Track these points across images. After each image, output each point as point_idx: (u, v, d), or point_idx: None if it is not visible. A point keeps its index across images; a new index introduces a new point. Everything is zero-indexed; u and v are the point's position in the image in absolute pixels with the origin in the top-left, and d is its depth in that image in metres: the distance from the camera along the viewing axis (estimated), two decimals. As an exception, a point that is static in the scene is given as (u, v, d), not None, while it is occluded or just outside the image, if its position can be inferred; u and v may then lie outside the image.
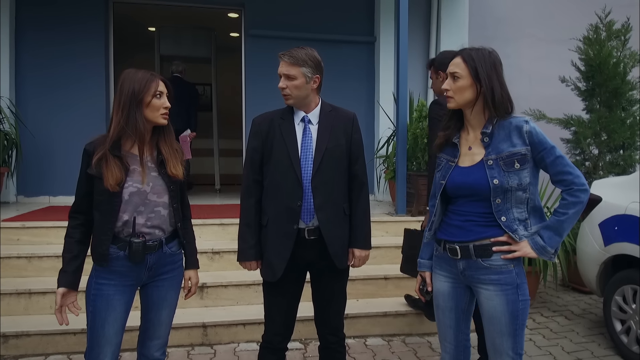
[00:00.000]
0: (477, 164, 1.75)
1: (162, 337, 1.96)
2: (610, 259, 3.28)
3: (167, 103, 1.88)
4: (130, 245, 1.80)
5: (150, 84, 1.83)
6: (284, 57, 2.02)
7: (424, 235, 1.96)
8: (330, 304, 2.16)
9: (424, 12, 5.99)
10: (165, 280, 1.94)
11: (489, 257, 1.72)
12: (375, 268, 3.77)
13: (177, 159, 1.91)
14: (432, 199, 1.92)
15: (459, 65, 1.75)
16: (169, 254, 1.93)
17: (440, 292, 1.87)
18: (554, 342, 3.38)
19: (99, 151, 1.79)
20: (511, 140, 1.71)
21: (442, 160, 1.86)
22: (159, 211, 1.87)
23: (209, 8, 6.02)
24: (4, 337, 2.99)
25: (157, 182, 1.87)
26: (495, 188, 1.69)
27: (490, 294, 1.73)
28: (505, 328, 1.73)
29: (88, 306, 1.85)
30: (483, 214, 1.73)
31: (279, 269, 2.02)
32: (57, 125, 5.21)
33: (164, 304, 1.95)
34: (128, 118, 1.79)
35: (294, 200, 2.01)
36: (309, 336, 3.25)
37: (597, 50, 4.74)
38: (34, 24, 5.17)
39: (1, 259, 3.48)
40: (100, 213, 1.82)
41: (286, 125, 2.07)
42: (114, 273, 1.83)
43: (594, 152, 4.85)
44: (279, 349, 2.15)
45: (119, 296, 1.84)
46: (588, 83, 4.90)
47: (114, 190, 1.76)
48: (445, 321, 1.88)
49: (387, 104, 5.68)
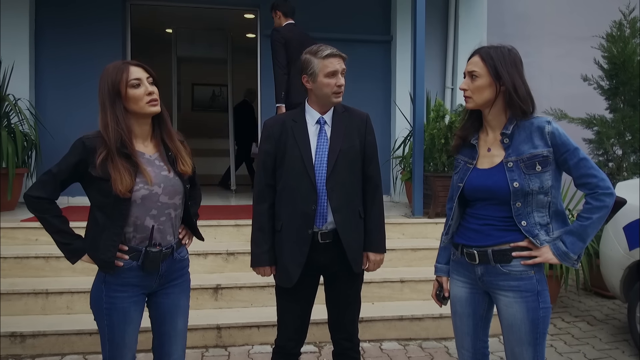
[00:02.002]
0: (497, 166, 1.69)
1: (180, 349, 1.87)
2: (635, 263, 3.17)
3: (150, 88, 1.71)
4: (147, 255, 1.72)
5: (121, 74, 1.68)
6: (341, 53, 2.01)
7: (441, 239, 1.91)
8: (346, 309, 2.12)
9: (441, 10, 5.90)
10: (175, 286, 1.86)
11: (509, 263, 1.65)
12: (391, 271, 3.71)
13: (184, 152, 1.82)
14: (449, 202, 1.87)
15: (477, 63, 1.69)
16: (178, 260, 1.86)
17: (458, 297, 1.82)
18: (576, 348, 3.28)
19: (102, 150, 1.67)
20: (532, 142, 1.65)
21: (460, 162, 1.81)
22: (169, 213, 1.78)
23: (225, 9, 6.04)
24: (21, 337, 3.02)
25: (168, 182, 1.76)
26: (515, 191, 1.63)
27: (510, 301, 1.67)
28: (525, 337, 1.66)
29: (102, 319, 1.75)
30: (502, 218, 1.67)
31: (295, 274, 1.99)
32: (75, 126, 5.21)
33: (177, 311, 1.86)
34: (112, 116, 1.67)
35: (309, 205, 1.97)
36: (323, 339, 3.21)
37: (621, 48, 4.61)
38: (52, 26, 5.24)
39: (19, 259, 3.53)
40: (106, 216, 1.69)
41: (299, 127, 2.03)
42: (127, 285, 1.74)
43: (618, 153, 4.71)
44: (292, 354, 2.12)
45: (134, 307, 1.76)
46: (611, 81, 4.77)
47: (124, 197, 1.65)
48: (463, 328, 1.82)
49: (403, 103, 5.61)
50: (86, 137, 1.72)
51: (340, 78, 2.00)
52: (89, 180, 1.71)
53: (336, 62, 1.98)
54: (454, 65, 5.85)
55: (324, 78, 1.98)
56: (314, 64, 1.99)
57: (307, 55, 2.02)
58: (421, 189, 4.43)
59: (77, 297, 3.30)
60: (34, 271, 3.53)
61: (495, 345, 3.15)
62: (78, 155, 1.70)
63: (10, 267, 3.51)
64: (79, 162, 1.69)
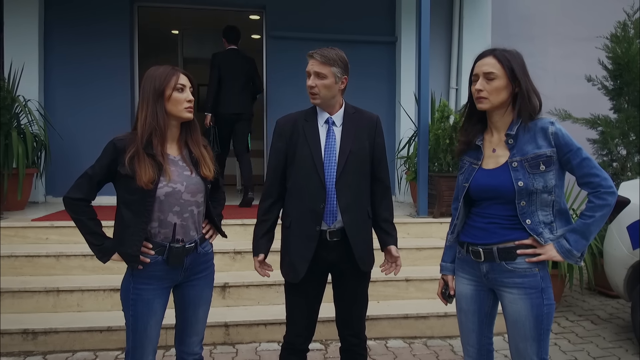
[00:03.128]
0: (502, 166, 1.73)
1: (200, 334, 2.02)
2: (638, 262, 3.20)
3: (191, 96, 1.86)
4: (170, 250, 1.82)
5: (171, 77, 1.82)
6: (315, 55, 2.01)
7: (447, 238, 1.95)
8: (353, 306, 2.16)
9: (445, 10, 5.93)
10: (200, 279, 1.97)
11: (513, 260, 1.69)
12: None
13: (207, 158, 1.92)
14: (455, 202, 1.90)
15: (494, 65, 1.71)
16: (202, 254, 1.96)
17: (463, 295, 1.86)
18: (580, 347, 3.31)
19: (131, 149, 1.77)
20: (536, 142, 1.69)
21: (465, 162, 1.84)
22: (192, 210, 1.87)
23: (231, 11, 6.09)
24: (33, 334, 3.08)
25: (190, 181, 1.86)
26: (519, 190, 1.67)
27: (515, 298, 1.71)
28: (529, 333, 1.70)
29: (128, 309, 1.87)
30: (507, 217, 1.71)
31: (302, 270, 2.03)
32: (84, 127, 5.33)
33: (200, 301, 1.98)
34: (151, 114, 1.79)
35: (318, 203, 2.01)
36: (329, 337, 3.26)
37: (625, 49, 4.63)
38: (61, 29, 5.30)
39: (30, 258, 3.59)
40: (132, 212, 1.80)
41: (310, 126, 2.07)
42: (153, 278, 1.85)
43: (622, 153, 4.74)
44: (301, 350, 2.16)
45: (158, 299, 1.87)
46: (616, 82, 4.79)
47: (147, 188, 1.75)
48: (468, 325, 1.86)
49: (408, 104, 5.64)
50: (117, 139, 1.83)
51: (309, 79, 2.01)
52: (118, 179, 1.82)
53: (310, 64, 2.02)
54: (459, 65, 5.88)
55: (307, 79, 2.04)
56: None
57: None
58: (426, 189, 4.46)
59: (87, 295, 3.36)
60: (45, 269, 3.58)
61: (500, 343, 3.19)
62: (110, 156, 1.81)
63: (22, 265, 3.57)
64: (111, 162, 1.81)
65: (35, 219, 4.08)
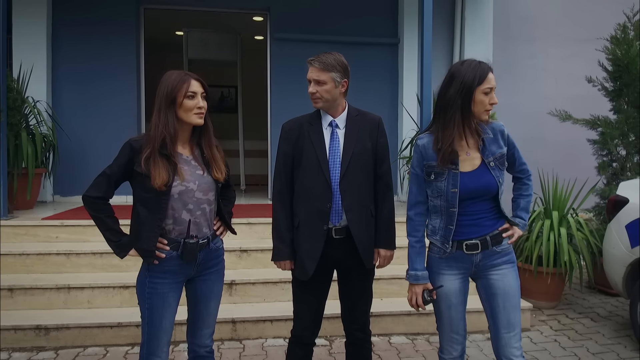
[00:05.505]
0: (480, 168, 1.91)
1: (211, 327, 2.10)
2: (637, 260, 3.26)
3: (202, 103, 1.91)
4: (185, 245, 1.90)
5: (182, 85, 1.87)
6: (313, 62, 2.09)
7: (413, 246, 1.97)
8: (358, 301, 2.23)
9: (448, 12, 6.01)
10: (212, 273, 2.05)
11: (500, 243, 1.96)
12: (400, 268, 3.75)
13: (219, 160, 2.00)
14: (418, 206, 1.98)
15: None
16: (214, 249, 2.04)
17: (453, 291, 1.97)
18: (579, 343, 3.38)
19: (146, 150, 1.85)
20: (498, 143, 1.95)
21: (445, 170, 1.90)
22: (204, 208, 1.95)
23: (235, 13, 6.16)
24: (46, 329, 3.16)
25: (203, 180, 1.94)
26: (499, 186, 1.92)
27: (504, 272, 1.95)
28: (517, 302, 1.95)
29: (144, 303, 1.94)
30: (489, 210, 1.95)
31: (311, 268, 2.10)
32: (90, 127, 5.42)
33: (211, 295, 2.06)
34: (163, 119, 1.86)
35: (324, 203, 2.09)
36: (334, 333, 3.33)
37: (625, 50, 4.68)
38: (68, 31, 5.39)
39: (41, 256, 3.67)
40: (147, 210, 1.88)
41: (314, 130, 2.15)
42: (168, 272, 1.92)
43: (622, 153, 4.78)
44: (308, 343, 2.24)
45: (172, 293, 1.94)
46: (615, 83, 4.83)
47: (160, 190, 1.83)
48: (458, 315, 2.00)
49: (410, 105, 5.72)
50: (133, 140, 1.92)
51: (310, 86, 2.10)
52: (134, 178, 1.90)
53: (309, 71, 2.10)
54: (461, 66, 5.94)
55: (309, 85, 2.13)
56: None
57: None
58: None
59: (97, 292, 3.44)
60: (55, 267, 3.66)
61: (483, 342, 3.27)
62: (127, 156, 1.89)
63: (33, 263, 3.65)
64: (128, 162, 1.89)
65: (46, 217, 4.15)
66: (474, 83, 1.85)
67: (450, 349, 2.02)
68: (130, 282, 3.46)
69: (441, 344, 2.06)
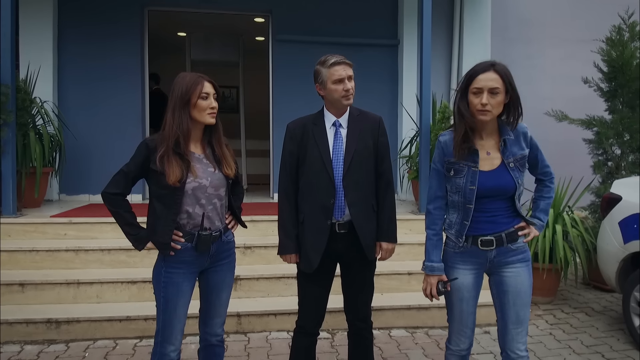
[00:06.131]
0: (499, 167, 1.95)
1: (222, 316, 2.20)
2: (629, 256, 3.37)
3: (214, 104, 2.03)
4: (199, 237, 2.01)
5: (196, 86, 1.98)
6: (346, 60, 2.21)
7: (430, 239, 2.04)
8: (360, 293, 2.33)
9: (446, 14, 6.11)
10: (223, 265, 2.16)
11: (516, 241, 2.00)
12: (399, 264, 3.93)
13: (229, 157, 2.10)
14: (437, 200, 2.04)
15: (497, 80, 1.87)
16: (226, 242, 2.16)
17: (465, 285, 2.02)
18: (574, 336, 3.48)
19: (161, 149, 1.95)
20: (520, 144, 1.98)
21: (464, 166, 1.96)
22: (216, 203, 2.07)
23: (237, 14, 6.26)
24: (57, 323, 3.26)
25: (214, 177, 2.05)
26: (518, 186, 1.96)
27: (518, 271, 2.00)
28: (527, 299, 2.01)
29: (159, 291, 2.04)
30: (505, 209, 1.99)
31: (315, 261, 2.21)
32: (95, 127, 5.52)
33: (222, 286, 2.17)
34: (179, 119, 1.96)
35: (328, 198, 2.19)
36: (336, 327, 3.43)
37: (620, 52, 4.79)
38: (74, 32, 5.49)
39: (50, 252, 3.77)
40: (162, 205, 1.99)
41: (318, 129, 2.25)
42: (183, 263, 2.03)
43: (617, 153, 4.89)
44: (312, 333, 2.34)
45: (187, 282, 2.05)
46: (610, 84, 4.94)
47: (175, 186, 1.94)
48: (469, 309, 2.04)
49: (410, 105, 5.82)
50: (149, 139, 2.04)
51: (347, 83, 2.20)
52: (150, 175, 2.01)
53: (341, 69, 2.19)
54: (459, 67, 6.05)
55: (332, 85, 2.20)
56: (322, 73, 2.21)
57: (317, 67, 2.25)
58: (427, 187, 4.62)
59: (106, 287, 3.54)
60: (64, 263, 3.76)
61: (486, 341, 3.37)
62: (143, 155, 2.01)
63: (43, 259, 3.75)
64: (144, 160, 2.00)
65: (54, 215, 4.25)
66: (465, 83, 1.92)
67: (459, 341, 2.08)
68: (137, 277, 3.57)
69: (450, 336, 2.12)
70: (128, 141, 5.64)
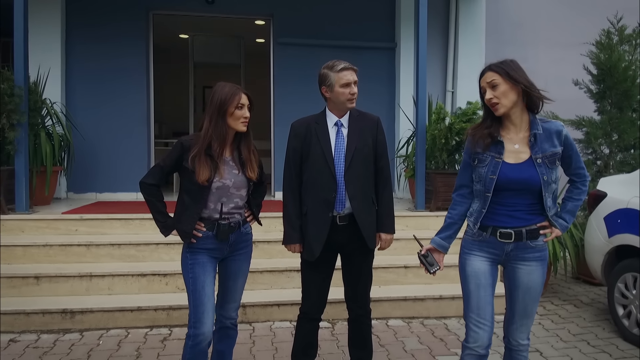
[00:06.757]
0: (526, 162, 1.98)
1: (237, 301, 2.41)
2: (613, 249, 3.56)
3: (247, 113, 2.23)
4: (219, 226, 2.23)
5: (234, 97, 2.18)
6: (353, 66, 2.40)
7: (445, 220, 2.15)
8: (359, 280, 2.51)
9: (442, 18, 6.30)
10: (241, 254, 2.37)
11: (536, 239, 2.03)
12: (396, 258, 4.11)
13: (254, 162, 2.30)
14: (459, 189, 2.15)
15: (492, 75, 1.98)
16: (244, 234, 2.37)
17: (482, 271, 2.05)
18: (562, 326, 3.67)
19: (194, 149, 2.15)
20: (552, 141, 2.00)
21: (487, 156, 2.02)
22: (237, 201, 2.29)
23: (240, 18, 6.45)
24: (71, 313, 3.43)
25: (238, 178, 2.26)
26: (544, 183, 1.97)
27: (532, 269, 2.04)
28: (537, 295, 2.07)
29: (187, 274, 2.23)
30: (529, 205, 2.01)
31: (317, 250, 2.39)
32: (101, 127, 5.70)
33: (239, 273, 2.38)
34: (215, 125, 2.16)
35: (329, 193, 2.37)
36: (336, 317, 3.61)
37: (608, 55, 4.98)
38: (81, 37, 5.68)
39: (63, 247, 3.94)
40: (190, 198, 2.21)
41: (321, 128, 2.43)
42: (205, 249, 2.24)
43: (605, 152, 5.09)
44: (315, 319, 2.52)
45: (210, 264, 2.25)
46: (599, 86, 5.14)
47: (203, 185, 2.15)
48: (487, 298, 2.03)
49: (407, 106, 6.01)
50: (184, 139, 2.24)
51: (353, 87, 2.40)
52: (183, 171, 2.22)
53: (349, 75, 2.38)
54: (455, 70, 6.25)
55: (339, 88, 2.38)
56: (330, 77, 2.39)
57: (325, 70, 2.42)
58: (423, 185, 4.82)
59: (117, 280, 3.71)
60: (76, 257, 3.93)
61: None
62: (178, 152, 2.21)
63: (56, 254, 3.92)
64: (179, 157, 2.21)
65: (65, 212, 4.42)
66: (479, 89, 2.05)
67: (477, 336, 2.01)
68: (147, 270, 3.75)
69: (467, 332, 2.05)
70: (133, 141, 5.85)
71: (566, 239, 4.35)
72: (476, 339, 2.01)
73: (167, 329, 3.48)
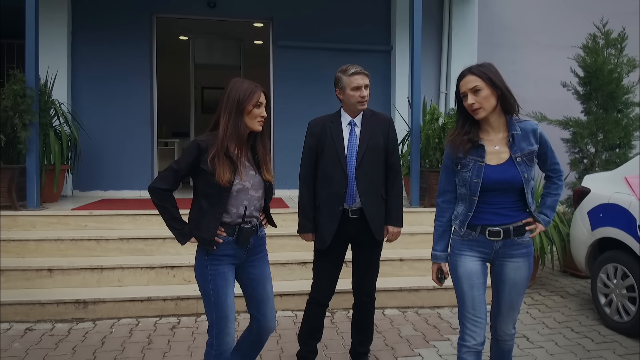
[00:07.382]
0: (507, 162, 2.03)
1: (273, 308, 2.26)
2: (596, 242, 3.79)
3: (264, 112, 2.10)
4: (240, 230, 2.08)
5: (253, 95, 2.04)
6: (364, 71, 2.57)
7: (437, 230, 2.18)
8: (367, 270, 2.71)
9: (436, 22, 6.52)
10: (259, 259, 2.24)
11: (522, 235, 2.08)
12: (392, 252, 4.31)
13: (269, 163, 2.20)
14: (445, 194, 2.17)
15: (475, 80, 2.01)
16: (260, 237, 2.24)
17: (474, 271, 2.07)
18: (548, 314, 3.89)
19: (212, 150, 2.00)
20: (529, 140, 2.06)
21: (470, 160, 2.05)
22: (255, 203, 2.15)
23: (240, 21, 6.63)
24: (84, 303, 3.61)
25: (255, 180, 2.14)
26: (525, 181, 2.02)
27: (519, 265, 2.09)
28: (523, 289, 2.14)
29: (207, 285, 2.07)
30: (513, 202, 2.06)
31: (328, 239, 2.58)
32: (106, 127, 5.88)
33: (266, 280, 2.24)
34: (232, 123, 2.02)
35: (341, 188, 2.56)
36: (335, 307, 3.81)
37: (594, 58, 5.21)
38: (86, 37, 5.85)
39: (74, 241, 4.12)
40: (209, 203, 2.05)
41: (335, 127, 2.62)
42: (225, 255, 2.09)
43: (591, 151, 5.32)
44: (323, 304, 2.72)
45: (230, 272, 2.12)
46: (586, 88, 5.36)
47: (224, 187, 2.01)
48: (481, 297, 2.07)
49: (402, 107, 6.22)
50: (200, 140, 2.08)
51: (364, 91, 2.56)
52: (199, 174, 2.07)
53: (360, 79, 2.56)
54: (448, 72, 6.47)
55: (350, 91, 2.57)
56: (343, 80, 2.58)
57: (339, 73, 2.61)
58: (418, 182, 5.04)
59: (127, 272, 3.89)
60: (87, 251, 4.11)
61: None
62: (194, 154, 2.05)
63: (67, 247, 4.10)
64: (195, 159, 2.05)
65: (75, 208, 4.60)
66: (457, 91, 2.08)
67: (473, 334, 2.04)
68: (155, 263, 3.93)
69: (462, 331, 2.08)
70: (137, 140, 6.03)
71: (553, 233, 4.57)
72: (473, 337, 2.05)
73: (175, 318, 3.67)
